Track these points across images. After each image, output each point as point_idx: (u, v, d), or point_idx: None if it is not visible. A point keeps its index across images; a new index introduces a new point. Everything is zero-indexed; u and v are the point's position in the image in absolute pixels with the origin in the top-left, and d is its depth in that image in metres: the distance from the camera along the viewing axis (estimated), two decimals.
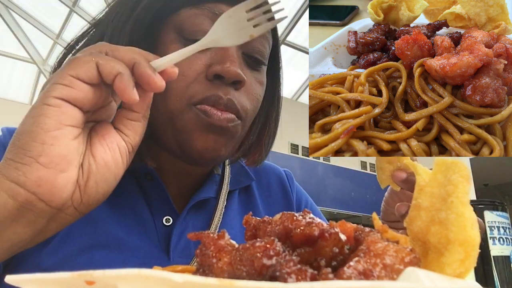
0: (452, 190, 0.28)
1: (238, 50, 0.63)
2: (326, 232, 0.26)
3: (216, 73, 0.60)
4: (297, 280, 0.23)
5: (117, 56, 0.45)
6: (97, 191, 0.45)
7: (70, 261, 0.57)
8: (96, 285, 0.23)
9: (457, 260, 0.27)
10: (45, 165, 0.40)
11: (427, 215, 0.30)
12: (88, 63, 0.43)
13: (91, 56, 0.43)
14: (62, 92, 0.42)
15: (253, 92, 0.65)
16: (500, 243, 0.98)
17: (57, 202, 0.42)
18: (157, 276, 0.21)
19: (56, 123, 0.41)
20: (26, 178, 0.40)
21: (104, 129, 0.47)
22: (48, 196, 0.41)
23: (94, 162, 0.45)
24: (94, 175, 0.44)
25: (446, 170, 0.30)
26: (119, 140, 0.47)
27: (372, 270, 0.24)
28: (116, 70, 0.43)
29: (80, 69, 0.42)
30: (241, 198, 0.79)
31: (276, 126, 0.77)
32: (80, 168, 0.44)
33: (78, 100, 0.42)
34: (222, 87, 0.60)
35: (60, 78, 0.42)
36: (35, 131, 0.41)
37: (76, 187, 0.43)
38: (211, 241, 0.28)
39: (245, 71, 0.64)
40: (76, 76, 0.42)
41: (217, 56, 0.61)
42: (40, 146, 0.40)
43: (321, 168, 6.50)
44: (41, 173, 0.40)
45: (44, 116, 0.41)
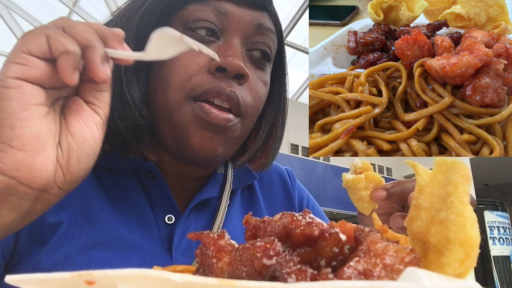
0: (452, 190, 0.28)
1: (242, 47, 0.64)
2: (326, 232, 0.26)
3: (218, 66, 0.60)
4: (297, 280, 0.23)
5: (72, 33, 0.43)
6: (79, 167, 0.44)
7: (69, 261, 0.57)
8: (96, 285, 0.23)
9: (457, 260, 0.27)
10: (19, 148, 0.40)
11: (427, 215, 0.30)
12: (39, 38, 0.41)
13: (43, 29, 0.42)
14: (18, 71, 0.40)
15: (256, 90, 0.65)
16: (500, 243, 0.99)
17: (39, 184, 0.41)
18: (157, 276, 0.21)
19: (20, 104, 0.40)
20: (2, 164, 0.39)
21: (76, 104, 0.46)
22: (29, 178, 0.40)
23: (73, 139, 0.44)
24: (75, 152, 0.44)
25: (446, 170, 0.30)
26: (93, 115, 0.46)
27: (372, 270, 0.24)
28: (64, 48, 0.41)
29: (31, 44, 0.41)
30: (244, 197, 0.79)
31: (283, 131, 0.77)
32: (58, 147, 0.43)
33: (36, 78, 0.41)
34: (225, 79, 0.60)
35: (13, 57, 0.41)
36: (1, 117, 0.39)
37: (58, 166, 0.43)
38: (211, 241, 0.28)
39: (249, 68, 0.64)
40: (28, 52, 0.41)
41: (220, 51, 0.62)
42: (9, 130, 0.39)
43: (321, 168, 6.50)
44: (17, 157, 0.40)
45: (6, 100, 0.40)
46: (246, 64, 0.63)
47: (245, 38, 0.65)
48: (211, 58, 0.60)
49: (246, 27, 0.64)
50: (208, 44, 0.62)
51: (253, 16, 0.65)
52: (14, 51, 0.41)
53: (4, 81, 0.40)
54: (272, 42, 0.68)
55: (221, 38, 0.64)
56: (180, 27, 0.63)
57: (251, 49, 0.65)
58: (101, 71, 0.43)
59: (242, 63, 0.60)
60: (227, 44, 0.62)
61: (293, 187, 0.86)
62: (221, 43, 0.63)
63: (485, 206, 1.05)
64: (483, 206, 1.04)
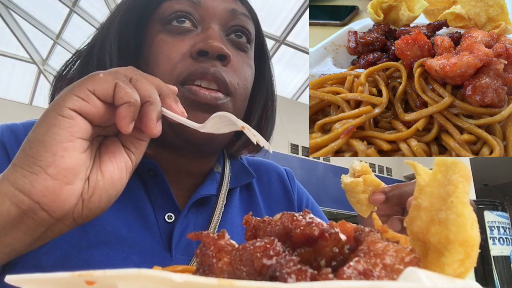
0: (452, 190, 0.28)
1: (221, 31, 0.66)
2: (326, 232, 0.26)
3: (199, 49, 0.62)
4: (297, 280, 0.23)
5: (137, 86, 0.46)
6: (99, 205, 0.46)
7: (69, 261, 0.57)
8: (96, 285, 0.23)
9: (457, 260, 0.27)
10: (53, 176, 0.41)
11: (427, 215, 0.30)
12: (108, 82, 0.44)
13: (113, 76, 0.45)
14: (77, 104, 0.42)
15: (241, 71, 0.68)
16: (500, 243, 0.99)
17: (59, 213, 0.42)
18: (157, 276, 0.21)
19: (68, 135, 0.42)
20: (32, 187, 0.40)
21: (114, 146, 0.48)
22: (52, 206, 0.41)
23: (102, 178, 0.45)
24: (100, 191, 0.45)
25: (446, 170, 0.30)
26: (127, 159, 0.48)
27: (372, 270, 0.24)
28: (128, 99, 0.44)
29: (98, 85, 0.44)
30: (242, 196, 0.79)
31: (274, 113, 0.80)
32: (86, 182, 0.44)
33: (90, 114, 0.43)
34: (208, 61, 0.62)
35: (77, 90, 0.43)
36: (47, 141, 0.41)
37: (80, 200, 0.44)
38: (211, 241, 0.28)
39: (231, 51, 0.66)
40: (93, 91, 0.43)
41: (199, 37, 0.64)
42: (50, 156, 0.41)
43: (321, 168, 6.50)
44: (47, 184, 0.41)
45: (57, 127, 0.41)
46: (228, 47, 0.65)
47: (222, 24, 0.67)
48: (192, 45, 0.63)
49: (221, 14, 0.67)
50: (187, 33, 0.65)
51: (226, 4, 0.68)
52: (79, 85, 0.44)
53: (61, 109, 0.42)
54: (249, 26, 0.71)
55: (199, 27, 0.66)
56: (158, 25, 0.66)
57: (229, 33, 0.68)
58: (155, 127, 0.46)
59: (221, 44, 0.63)
60: (205, 30, 0.65)
61: (292, 187, 0.87)
62: (200, 31, 0.65)
63: (485, 206, 1.06)
64: (483, 206, 1.05)
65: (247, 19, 0.70)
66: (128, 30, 0.67)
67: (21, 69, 6.95)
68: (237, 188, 0.78)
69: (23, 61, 6.75)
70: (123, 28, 0.67)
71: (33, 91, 7.13)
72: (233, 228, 0.71)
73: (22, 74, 7.09)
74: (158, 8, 0.67)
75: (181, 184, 0.71)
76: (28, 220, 0.41)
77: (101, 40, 0.68)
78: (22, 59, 6.74)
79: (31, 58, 6.52)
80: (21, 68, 6.92)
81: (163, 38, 0.65)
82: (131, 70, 0.48)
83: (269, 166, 0.88)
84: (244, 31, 0.69)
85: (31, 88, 7.15)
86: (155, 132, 0.46)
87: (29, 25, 5.97)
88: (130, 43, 0.68)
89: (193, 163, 0.71)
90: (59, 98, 0.43)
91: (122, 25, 0.67)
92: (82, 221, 0.45)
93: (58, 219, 0.43)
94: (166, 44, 0.64)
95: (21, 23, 6.09)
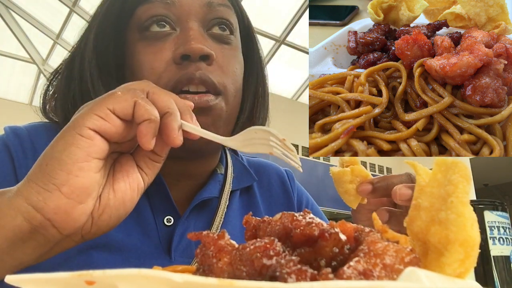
0: (452, 190, 0.28)
1: (200, 28, 0.65)
2: (326, 232, 0.26)
3: (181, 54, 0.61)
4: (297, 280, 0.23)
5: (155, 99, 0.46)
6: (107, 224, 0.46)
7: (69, 261, 0.57)
8: (96, 285, 0.23)
9: (457, 260, 0.27)
10: (67, 195, 0.42)
11: (427, 215, 0.30)
12: (127, 101, 0.44)
13: (132, 93, 0.45)
14: (96, 124, 0.43)
15: (228, 66, 0.66)
16: (500, 243, 0.98)
17: (68, 231, 0.43)
18: (157, 276, 0.21)
19: (85, 155, 0.42)
20: (45, 204, 0.41)
21: (128, 165, 0.48)
22: (62, 224, 0.42)
23: (114, 197, 0.46)
24: (110, 209, 0.46)
25: (446, 170, 0.30)
26: (139, 180, 0.48)
27: (372, 270, 0.24)
28: (148, 116, 0.44)
29: (118, 104, 0.44)
30: (242, 198, 0.79)
31: (266, 100, 0.79)
32: (98, 200, 0.45)
33: (109, 133, 0.44)
34: (191, 65, 0.61)
35: (97, 109, 0.44)
36: (64, 160, 0.42)
37: (90, 218, 0.44)
38: (211, 241, 0.28)
39: (214, 47, 0.65)
40: (113, 110, 0.44)
41: (180, 39, 0.63)
42: (65, 175, 0.41)
43: (321, 168, 6.49)
44: (60, 202, 0.41)
45: (75, 146, 0.42)
46: (210, 44, 0.64)
47: (201, 20, 0.65)
48: (173, 50, 0.62)
49: (197, 9, 0.65)
50: (167, 37, 0.63)
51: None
52: (99, 104, 0.44)
53: (80, 128, 0.43)
54: (230, 15, 0.68)
55: (177, 28, 0.64)
56: (136, 33, 0.65)
57: (210, 28, 0.66)
58: (177, 137, 0.46)
59: (202, 44, 0.61)
60: (184, 31, 0.63)
61: (292, 188, 0.86)
62: (179, 33, 0.64)
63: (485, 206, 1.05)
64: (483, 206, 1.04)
65: (226, 9, 0.68)
66: (106, 43, 0.67)
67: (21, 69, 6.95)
68: (237, 190, 0.77)
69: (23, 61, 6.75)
70: (100, 42, 0.66)
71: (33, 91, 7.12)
72: (233, 231, 0.71)
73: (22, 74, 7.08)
74: (133, 16, 0.65)
75: (182, 186, 0.70)
76: (38, 236, 0.42)
77: (80, 56, 0.67)
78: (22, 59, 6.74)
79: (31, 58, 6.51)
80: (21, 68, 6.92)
81: (143, 47, 0.64)
82: (147, 84, 0.49)
83: (270, 167, 0.88)
84: (225, 22, 0.67)
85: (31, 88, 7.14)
86: (177, 141, 0.46)
87: (29, 25, 5.97)
88: (110, 56, 0.67)
89: (193, 165, 0.70)
90: (79, 117, 0.44)
91: (98, 39, 0.66)
92: (90, 237, 0.46)
93: (67, 236, 0.43)
94: (148, 54, 0.63)
95: (21, 23, 6.09)
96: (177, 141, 0.46)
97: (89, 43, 0.67)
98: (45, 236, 0.42)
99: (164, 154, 0.50)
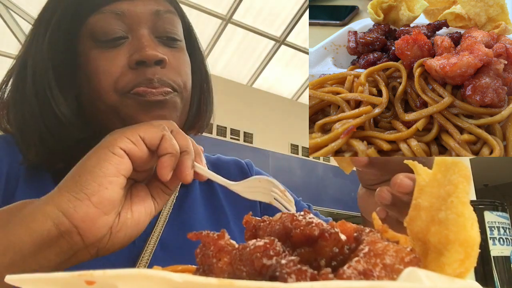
0: (452, 190, 0.28)
1: (151, 34, 0.68)
2: (326, 232, 0.26)
3: (137, 60, 0.64)
4: (297, 280, 0.23)
5: (177, 137, 0.53)
6: (121, 241, 0.50)
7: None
8: (96, 285, 0.23)
9: (457, 260, 0.27)
10: (95, 204, 0.46)
11: (427, 215, 0.30)
12: (156, 133, 0.51)
13: (161, 128, 0.52)
14: (128, 146, 0.49)
15: (181, 68, 0.70)
16: (500, 243, 0.98)
17: (91, 240, 0.47)
18: (157, 276, 0.21)
19: (115, 170, 0.48)
20: (74, 211, 0.45)
21: (144, 192, 0.54)
22: (86, 232, 0.46)
23: (131, 216, 0.51)
24: (126, 228, 0.50)
25: (446, 170, 0.30)
26: (152, 207, 0.54)
27: (372, 270, 0.24)
28: (172, 150, 0.51)
29: (148, 134, 0.51)
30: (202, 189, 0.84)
31: (211, 95, 0.84)
32: (117, 217, 0.50)
33: (136, 157, 0.50)
34: (148, 70, 0.65)
35: (130, 134, 0.50)
36: (96, 173, 0.47)
37: (108, 232, 0.49)
38: (211, 241, 0.28)
39: (165, 51, 0.68)
40: (143, 138, 0.51)
41: (134, 46, 0.66)
42: (97, 186, 0.46)
43: (321, 168, 6.49)
44: (89, 210, 0.46)
45: (107, 162, 0.48)
46: (161, 49, 0.68)
47: (151, 27, 0.69)
48: (128, 56, 0.66)
49: (146, 18, 0.68)
50: (121, 44, 0.67)
51: (149, 7, 0.69)
52: (132, 130, 0.51)
53: (113, 147, 0.49)
54: (176, 21, 0.72)
55: (130, 35, 0.67)
56: (90, 41, 0.67)
57: (159, 34, 0.69)
58: (189, 174, 0.53)
59: (155, 50, 0.65)
60: (136, 38, 0.66)
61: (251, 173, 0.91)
62: (131, 40, 0.67)
63: (485, 206, 1.05)
64: (483, 206, 1.04)
65: (172, 15, 0.72)
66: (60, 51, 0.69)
67: None
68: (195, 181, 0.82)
69: None
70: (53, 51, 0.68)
71: None
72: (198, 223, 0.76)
73: None
74: (86, 24, 0.68)
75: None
76: (63, 242, 0.46)
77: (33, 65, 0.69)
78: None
79: None
80: None
81: (98, 53, 0.66)
82: (171, 123, 0.55)
83: (228, 160, 0.93)
84: (172, 31, 0.71)
85: None
86: (188, 178, 0.52)
87: (29, 25, 5.97)
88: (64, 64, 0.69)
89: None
90: (112, 138, 0.50)
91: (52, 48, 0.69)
92: (103, 253, 0.49)
93: (87, 246, 0.47)
94: (102, 60, 0.66)
95: (21, 23, 6.09)
96: (189, 178, 0.52)
97: (42, 52, 0.69)
98: (68, 243, 0.46)
99: (173, 188, 0.56)
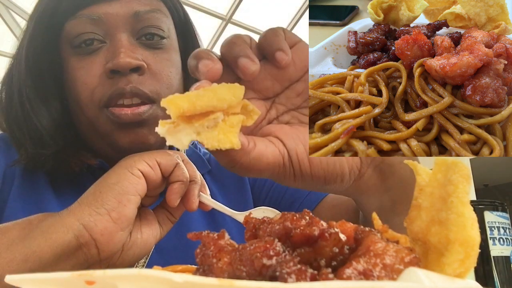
0: (452, 190, 0.28)
1: (130, 38, 0.65)
2: (326, 232, 0.26)
3: (111, 69, 0.63)
4: (297, 280, 0.23)
5: (188, 167, 0.57)
6: (129, 260, 0.52)
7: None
8: (96, 285, 0.23)
9: (457, 260, 0.27)
10: (114, 219, 0.49)
11: (427, 215, 0.30)
12: (171, 161, 0.55)
13: (176, 157, 0.56)
14: (145, 169, 0.53)
15: (162, 72, 0.67)
16: (500, 243, 0.98)
17: (106, 254, 0.49)
18: (157, 276, 0.21)
19: (133, 189, 0.51)
20: (94, 225, 0.48)
21: (151, 217, 0.57)
22: (104, 246, 0.48)
23: (141, 237, 0.54)
24: (136, 247, 0.53)
25: (446, 170, 0.30)
26: (157, 231, 0.57)
27: (372, 270, 0.24)
28: (183, 178, 0.55)
29: (164, 160, 0.55)
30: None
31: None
32: (129, 235, 0.52)
33: (150, 180, 0.53)
34: (122, 79, 0.63)
35: (148, 158, 0.54)
36: (116, 190, 0.50)
37: (121, 249, 0.51)
38: (211, 241, 0.28)
39: (146, 55, 0.66)
40: (159, 163, 0.54)
41: (110, 52, 0.64)
42: (116, 203, 0.49)
43: None
44: (107, 225, 0.48)
45: (127, 181, 0.51)
46: (141, 52, 0.66)
47: (130, 30, 0.66)
48: (104, 64, 0.64)
49: (125, 21, 0.65)
50: (97, 51, 0.65)
51: (127, 9, 0.65)
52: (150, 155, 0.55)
53: (132, 168, 0.52)
54: (160, 20, 0.69)
55: (107, 40, 0.65)
56: (68, 47, 0.66)
57: (140, 36, 0.67)
58: (195, 203, 0.56)
59: (131, 56, 0.63)
60: (113, 44, 0.65)
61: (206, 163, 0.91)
62: (109, 45, 0.65)
63: (485, 206, 1.05)
64: (483, 206, 1.04)
65: (155, 14, 0.68)
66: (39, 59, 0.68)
67: None
68: None
69: None
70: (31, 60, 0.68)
71: None
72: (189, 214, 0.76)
73: None
74: (62, 30, 0.66)
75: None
76: (80, 254, 0.48)
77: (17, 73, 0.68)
78: None
79: None
80: None
81: (75, 61, 0.65)
82: (182, 154, 0.59)
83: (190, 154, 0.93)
84: (154, 29, 0.68)
85: None
86: (194, 207, 0.56)
87: None
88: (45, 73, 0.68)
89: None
90: (131, 160, 0.54)
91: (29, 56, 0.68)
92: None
93: (101, 260, 0.49)
94: (80, 69, 0.65)
95: (21, 23, 6.09)
96: (194, 207, 0.56)
97: (21, 61, 0.68)
98: (85, 255, 0.48)
99: (177, 216, 0.59)
